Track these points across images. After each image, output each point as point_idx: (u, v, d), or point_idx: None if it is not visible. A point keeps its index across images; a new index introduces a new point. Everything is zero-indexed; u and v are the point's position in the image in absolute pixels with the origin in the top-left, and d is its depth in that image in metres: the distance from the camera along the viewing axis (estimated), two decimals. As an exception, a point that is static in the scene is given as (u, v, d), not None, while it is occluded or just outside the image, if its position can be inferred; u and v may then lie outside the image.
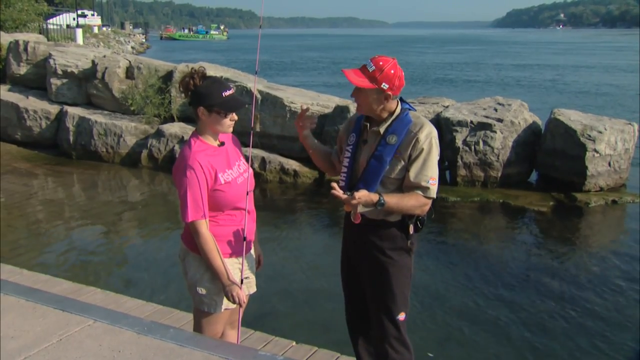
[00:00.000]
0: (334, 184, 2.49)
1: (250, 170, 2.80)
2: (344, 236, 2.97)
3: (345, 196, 2.51)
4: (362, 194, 2.50)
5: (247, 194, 2.69)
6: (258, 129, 10.13)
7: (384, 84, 2.56)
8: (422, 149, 2.59)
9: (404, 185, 2.63)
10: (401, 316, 2.76)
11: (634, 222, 7.95)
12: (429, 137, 2.60)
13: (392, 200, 2.56)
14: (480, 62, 42.73)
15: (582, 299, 5.53)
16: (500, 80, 28.53)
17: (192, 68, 2.67)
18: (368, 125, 2.73)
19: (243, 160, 2.80)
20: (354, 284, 2.92)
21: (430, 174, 2.59)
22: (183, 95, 2.66)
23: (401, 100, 2.74)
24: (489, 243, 7.43)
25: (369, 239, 2.73)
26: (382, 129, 2.67)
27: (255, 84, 3.86)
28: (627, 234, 7.64)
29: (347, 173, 2.76)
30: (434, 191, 2.61)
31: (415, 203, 2.59)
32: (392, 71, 2.57)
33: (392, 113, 2.68)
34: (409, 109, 2.72)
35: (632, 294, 5.63)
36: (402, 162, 2.61)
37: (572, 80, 28.22)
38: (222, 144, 2.70)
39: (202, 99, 2.58)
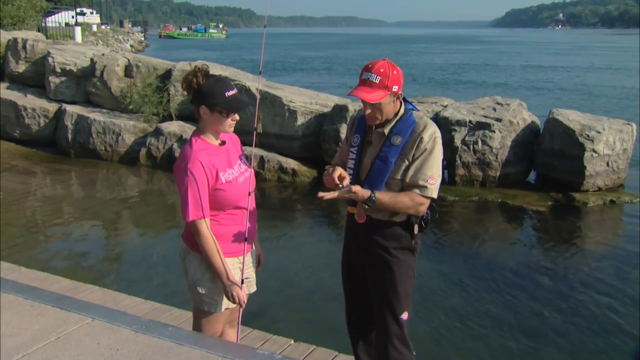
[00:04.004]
0: (321, 194, 2.50)
1: (252, 169, 2.79)
2: (346, 236, 2.96)
3: (337, 192, 2.52)
4: (357, 188, 2.52)
5: (250, 194, 2.69)
6: (260, 130, 10.11)
7: (394, 87, 2.57)
8: (425, 149, 2.58)
9: (403, 184, 2.63)
10: (404, 315, 2.76)
11: (632, 222, 7.96)
12: (432, 136, 2.60)
13: (385, 197, 2.57)
14: (479, 62, 42.75)
15: (580, 299, 5.54)
16: (499, 80, 28.54)
17: (195, 66, 2.63)
18: (373, 126, 2.72)
19: (244, 159, 2.80)
20: (356, 284, 2.92)
21: (429, 173, 2.58)
22: (185, 92, 2.64)
23: (405, 100, 2.73)
24: (486, 242, 7.43)
25: (373, 239, 2.73)
26: (386, 130, 2.66)
27: (259, 85, 3.82)
28: (624, 233, 7.65)
29: (352, 175, 2.74)
30: (432, 191, 2.59)
31: (408, 202, 2.58)
32: (395, 72, 2.57)
33: (396, 114, 2.68)
34: (413, 109, 2.71)
35: (630, 294, 5.63)
36: (406, 163, 2.61)
37: (571, 81, 28.25)
38: (223, 142, 2.69)
39: (205, 97, 2.55)
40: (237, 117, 2.63)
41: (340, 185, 2.56)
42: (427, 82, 27.60)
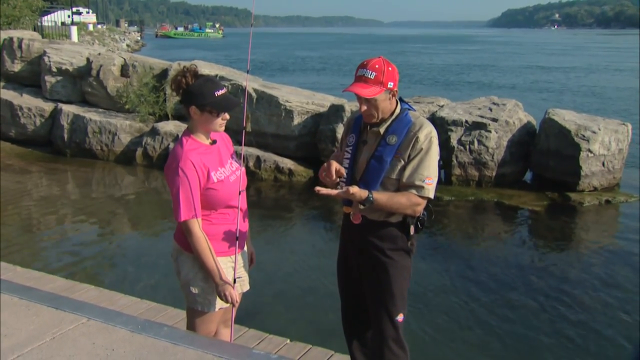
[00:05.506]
0: (318, 188, 2.51)
1: (243, 168, 2.79)
2: (341, 237, 2.95)
3: (336, 191, 2.52)
4: (355, 189, 2.51)
5: (240, 193, 2.69)
6: (249, 129, 10.13)
7: (389, 83, 2.57)
8: (421, 149, 2.58)
9: (399, 185, 2.62)
10: (399, 317, 2.75)
11: (627, 222, 8.00)
12: (428, 136, 2.59)
13: (382, 198, 2.56)
14: (476, 62, 42.78)
15: (576, 299, 5.55)
16: (495, 80, 28.57)
17: (184, 66, 2.64)
18: (368, 125, 2.71)
19: (235, 158, 2.80)
20: (351, 285, 2.91)
21: (426, 174, 2.57)
22: (175, 93, 2.65)
23: (401, 100, 2.73)
24: (482, 242, 7.45)
25: (369, 240, 2.72)
26: (382, 129, 2.65)
27: (247, 82, 3.81)
28: (620, 233, 7.67)
29: (347, 174, 2.73)
30: (429, 191, 2.58)
31: (406, 202, 2.58)
32: (390, 68, 2.57)
33: (392, 113, 2.67)
34: (409, 109, 2.71)
35: (627, 294, 5.65)
36: (402, 162, 2.60)
37: (568, 81, 28.28)
38: (214, 142, 2.69)
39: (194, 98, 2.56)
40: (227, 116, 2.64)
41: (339, 186, 2.56)
42: (423, 82, 27.61)
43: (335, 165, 2.59)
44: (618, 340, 4.82)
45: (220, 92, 2.58)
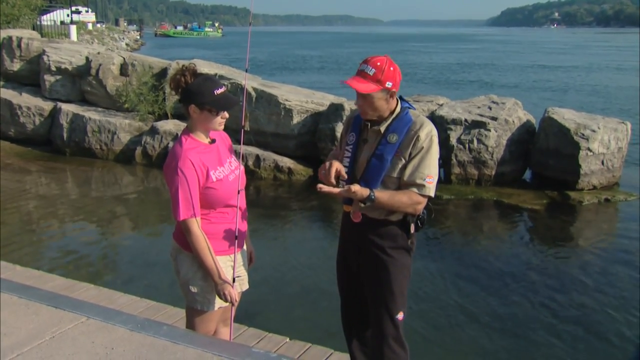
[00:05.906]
0: (320, 185, 2.51)
1: (242, 167, 2.79)
2: (341, 235, 2.95)
3: (338, 189, 2.52)
4: (356, 188, 2.51)
5: (239, 192, 2.69)
6: (247, 128, 10.12)
7: (387, 82, 2.56)
8: (422, 147, 2.58)
9: (400, 183, 2.62)
10: (400, 315, 2.75)
11: (627, 220, 8.00)
12: (429, 135, 2.60)
13: (384, 196, 2.56)
14: (475, 61, 42.78)
15: (575, 298, 5.55)
16: (495, 79, 28.56)
17: (182, 65, 2.64)
18: (368, 124, 2.71)
19: (234, 157, 2.80)
20: (351, 284, 2.91)
21: (427, 172, 2.58)
22: (174, 92, 2.65)
23: (401, 98, 2.73)
24: (481, 241, 7.45)
25: (369, 238, 2.72)
26: (382, 128, 2.65)
27: (246, 82, 3.82)
28: (619, 232, 7.67)
29: (347, 173, 2.72)
30: (430, 189, 2.59)
31: (407, 200, 2.58)
32: (391, 68, 2.57)
33: (392, 112, 2.67)
34: (409, 108, 2.71)
35: (627, 293, 5.65)
36: (403, 161, 2.60)
37: (569, 80, 28.28)
38: (213, 141, 2.69)
39: (194, 96, 2.56)
40: (226, 115, 2.64)
41: (341, 184, 2.56)
42: (424, 81, 27.60)
43: (336, 166, 2.58)
44: (617, 340, 4.81)
45: (219, 91, 2.58)
